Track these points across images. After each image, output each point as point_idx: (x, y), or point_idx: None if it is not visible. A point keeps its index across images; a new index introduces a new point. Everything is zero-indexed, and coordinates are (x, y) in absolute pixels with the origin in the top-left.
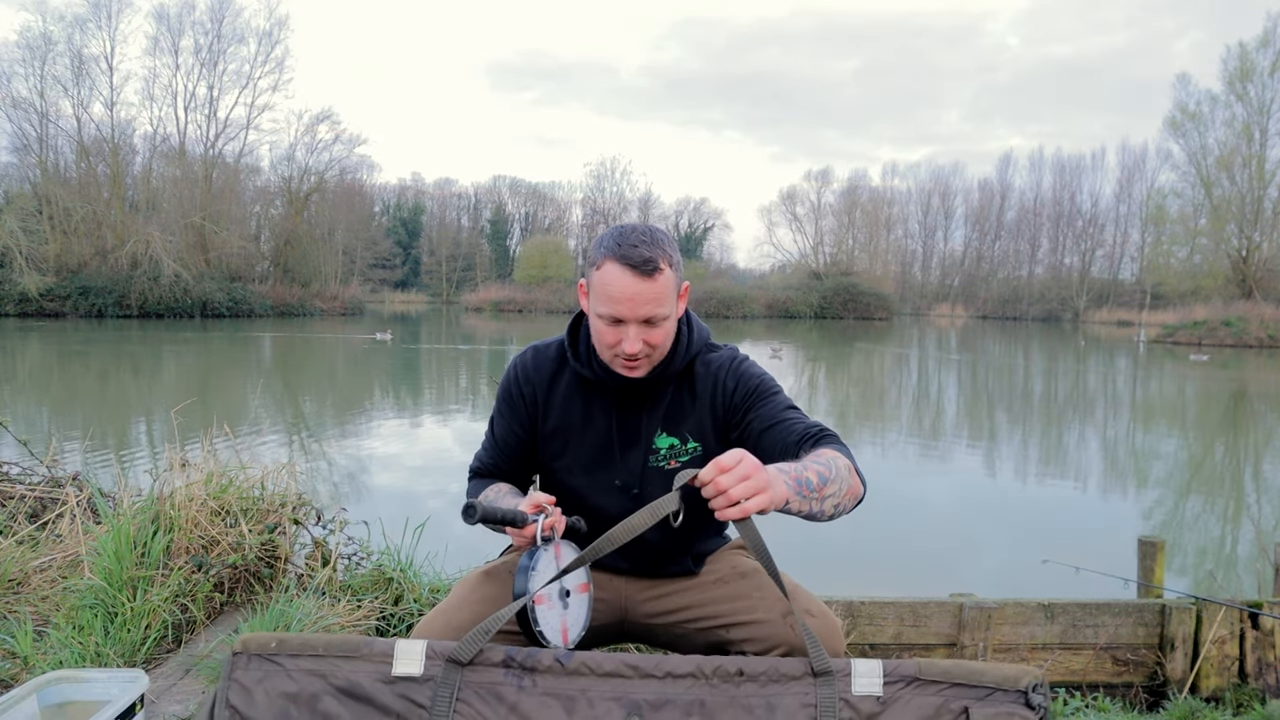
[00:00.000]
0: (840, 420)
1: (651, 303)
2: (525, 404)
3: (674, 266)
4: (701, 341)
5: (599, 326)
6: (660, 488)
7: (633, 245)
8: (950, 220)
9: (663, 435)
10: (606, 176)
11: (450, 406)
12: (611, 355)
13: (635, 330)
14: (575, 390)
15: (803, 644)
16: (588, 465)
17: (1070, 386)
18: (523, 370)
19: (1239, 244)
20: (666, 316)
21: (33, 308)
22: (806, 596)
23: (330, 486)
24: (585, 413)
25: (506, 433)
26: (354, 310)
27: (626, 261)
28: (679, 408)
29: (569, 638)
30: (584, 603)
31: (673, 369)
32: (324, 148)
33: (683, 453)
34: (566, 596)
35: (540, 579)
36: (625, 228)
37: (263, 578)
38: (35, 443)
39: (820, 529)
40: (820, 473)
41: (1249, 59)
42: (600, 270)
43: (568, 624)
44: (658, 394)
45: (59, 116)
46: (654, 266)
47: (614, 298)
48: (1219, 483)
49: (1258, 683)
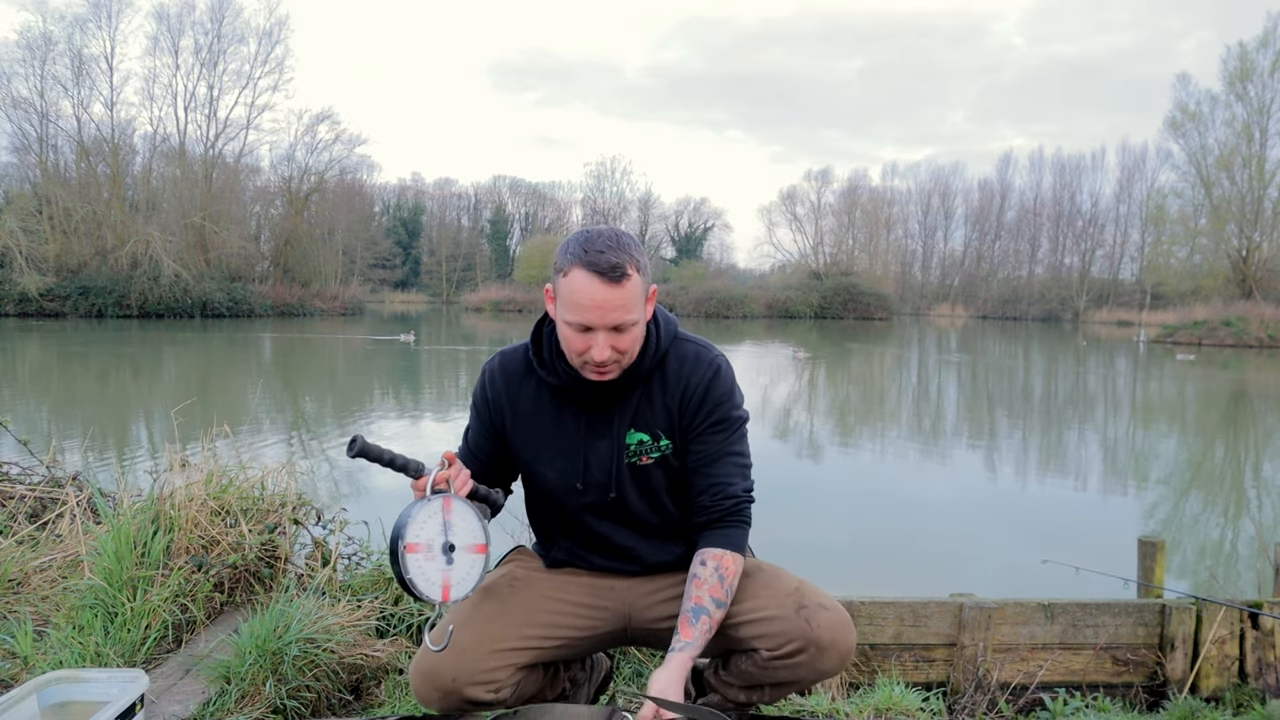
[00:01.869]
0: (840, 420)
1: (620, 309)
2: (492, 411)
3: (641, 271)
4: (669, 336)
5: (567, 334)
6: (635, 487)
7: (599, 251)
8: (950, 220)
9: (633, 432)
10: (606, 176)
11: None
12: (580, 362)
13: (604, 337)
14: (544, 395)
15: (818, 637)
16: (561, 469)
17: (1070, 386)
18: (490, 378)
19: (1239, 244)
20: (635, 322)
21: (33, 308)
22: (816, 591)
23: (331, 486)
24: (555, 417)
25: (478, 437)
26: (354, 310)
27: (594, 268)
28: (649, 404)
29: (450, 595)
30: (476, 563)
31: (642, 370)
32: (324, 148)
33: (654, 449)
34: (450, 551)
35: (417, 528)
36: (591, 232)
37: (263, 578)
38: (35, 443)
39: (820, 529)
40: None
41: (1249, 59)
42: (567, 277)
43: (450, 580)
44: (627, 394)
45: (59, 116)
46: (621, 273)
47: (582, 305)
48: (1219, 482)
49: (1258, 683)
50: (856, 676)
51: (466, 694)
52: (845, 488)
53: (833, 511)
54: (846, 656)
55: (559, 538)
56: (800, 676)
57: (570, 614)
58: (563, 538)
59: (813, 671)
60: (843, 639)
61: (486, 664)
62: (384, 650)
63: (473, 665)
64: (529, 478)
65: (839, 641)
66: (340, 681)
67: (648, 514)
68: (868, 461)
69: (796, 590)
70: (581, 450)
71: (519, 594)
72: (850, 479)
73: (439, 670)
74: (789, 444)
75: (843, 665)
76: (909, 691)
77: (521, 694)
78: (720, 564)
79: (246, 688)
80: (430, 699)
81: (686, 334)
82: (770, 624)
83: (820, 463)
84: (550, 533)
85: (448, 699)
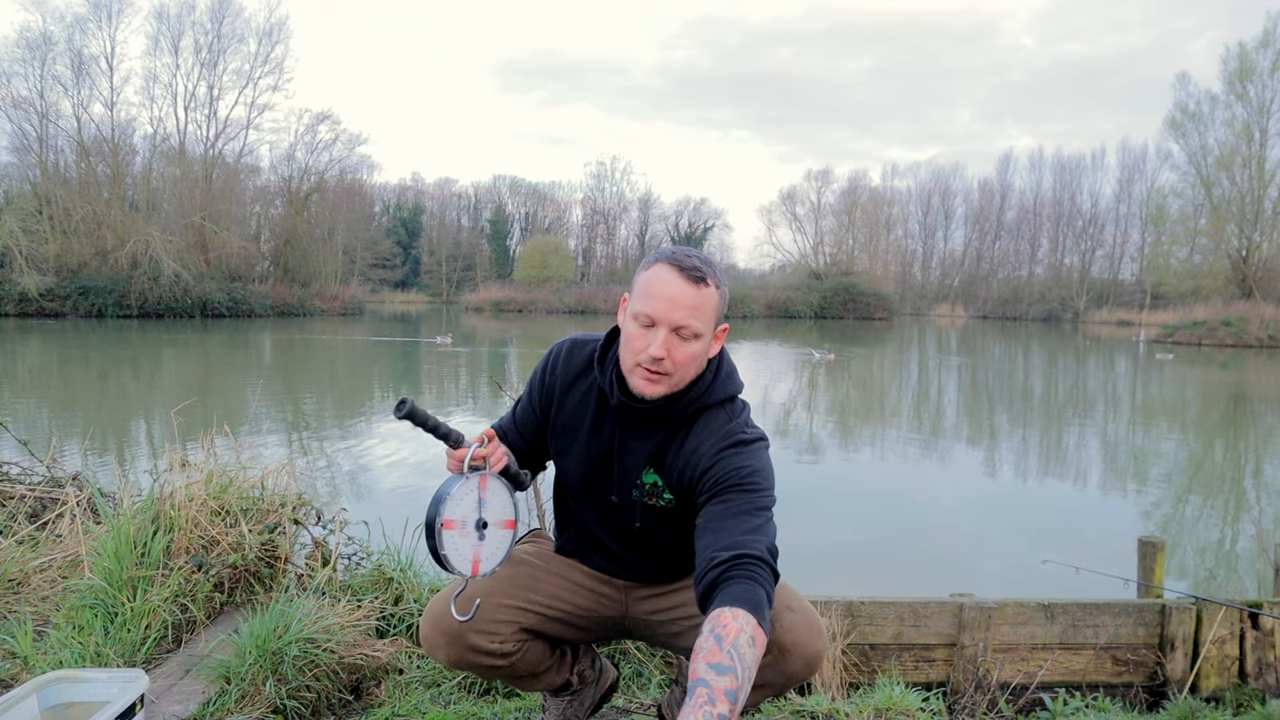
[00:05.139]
0: (840, 421)
1: (690, 310)
2: (545, 390)
3: (720, 291)
4: (724, 393)
5: (631, 330)
6: (647, 523)
7: (686, 255)
8: (950, 220)
9: (649, 470)
10: (606, 176)
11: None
12: (634, 364)
13: (665, 336)
14: (592, 395)
15: (780, 639)
16: (586, 472)
17: (1070, 386)
18: (555, 358)
19: (1239, 244)
20: (699, 335)
21: (33, 308)
22: (788, 593)
23: (331, 486)
24: (595, 419)
25: (525, 410)
26: (354, 310)
27: (677, 265)
28: (673, 451)
29: (480, 569)
30: (505, 538)
31: (681, 405)
32: (324, 148)
33: (660, 498)
34: (483, 528)
35: (455, 505)
36: (683, 247)
37: (263, 578)
38: (35, 443)
39: (821, 530)
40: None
41: (1249, 59)
42: (649, 270)
43: (481, 556)
44: (657, 426)
45: (59, 116)
46: (701, 276)
47: (655, 295)
48: (1219, 482)
49: (1258, 683)
50: (856, 676)
51: (471, 640)
52: (846, 487)
53: (833, 511)
54: (813, 661)
55: (569, 528)
56: (768, 679)
57: (573, 590)
58: (573, 529)
59: (778, 674)
60: (807, 642)
61: (493, 615)
62: (384, 650)
63: (479, 615)
64: (558, 466)
65: (801, 645)
66: (340, 681)
67: (653, 545)
68: (868, 462)
69: None
70: (608, 460)
71: (528, 565)
72: (850, 479)
73: (445, 617)
74: (790, 443)
75: (810, 670)
76: (909, 691)
77: (526, 658)
78: (716, 624)
79: (246, 688)
80: (437, 644)
81: (744, 403)
82: None
83: (820, 462)
84: (564, 521)
85: (453, 644)
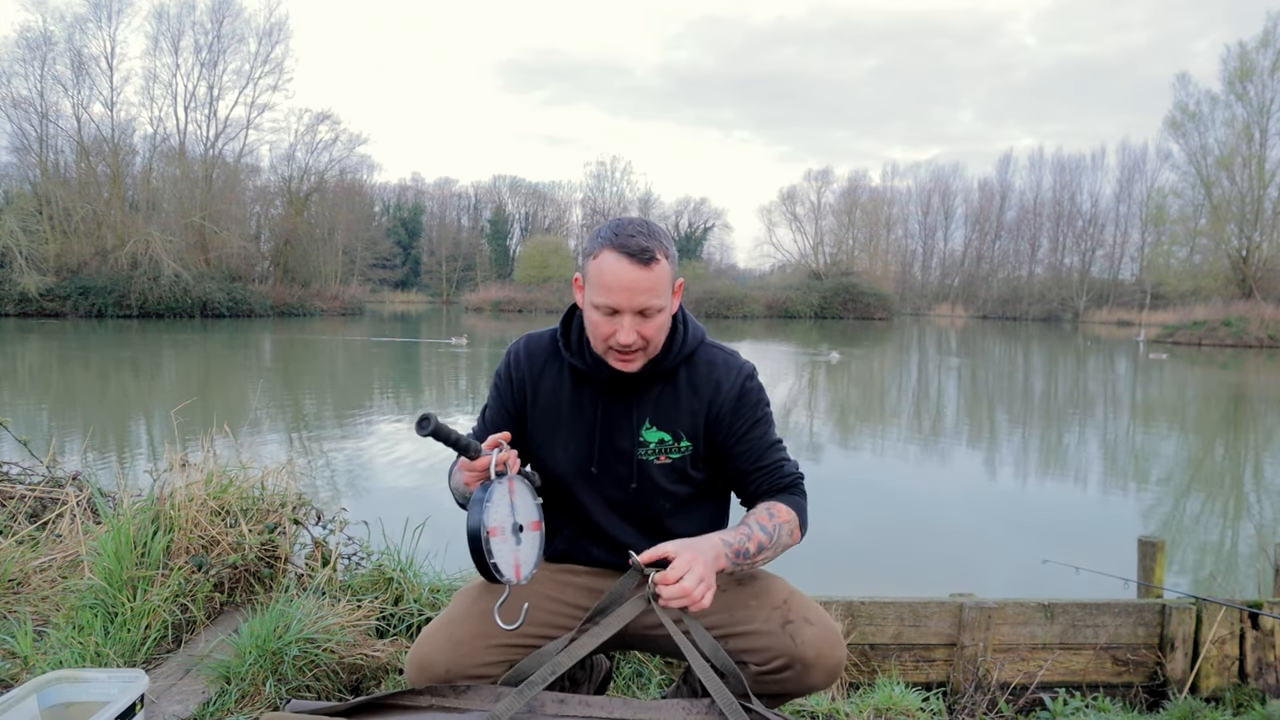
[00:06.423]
0: (840, 421)
1: (647, 292)
2: (514, 391)
3: (670, 259)
4: (696, 340)
5: (594, 318)
6: (653, 484)
7: (630, 235)
8: (950, 220)
9: (651, 429)
10: (606, 176)
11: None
12: (605, 348)
13: (630, 321)
14: (565, 380)
15: (803, 654)
16: (574, 452)
17: (1070, 386)
18: (515, 358)
19: (1239, 244)
20: (661, 309)
21: (33, 308)
22: (804, 604)
23: (331, 486)
24: (574, 402)
25: (496, 416)
26: (354, 310)
27: (624, 250)
28: (673, 403)
29: (521, 574)
30: (536, 540)
31: (665, 364)
32: (324, 148)
33: (674, 450)
34: (519, 532)
35: (494, 512)
36: (622, 220)
37: (263, 578)
38: (35, 443)
39: (820, 529)
40: (761, 542)
41: (1249, 59)
42: (597, 259)
43: (520, 560)
44: (647, 388)
45: (59, 116)
46: (650, 256)
47: (610, 286)
48: (1219, 483)
49: (1258, 683)
50: (856, 676)
51: (464, 675)
52: (846, 487)
53: (833, 511)
54: (834, 671)
55: (562, 526)
56: (789, 690)
57: (566, 615)
58: (566, 526)
59: (801, 686)
60: (828, 654)
61: (482, 658)
62: (384, 650)
63: (468, 659)
64: (540, 462)
65: (824, 657)
66: (340, 681)
67: (660, 516)
68: (868, 463)
69: (785, 603)
70: (596, 436)
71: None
72: (850, 478)
73: (434, 661)
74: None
75: (831, 679)
76: (909, 691)
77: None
78: (772, 506)
79: (246, 688)
80: (434, 671)
81: (714, 341)
82: (756, 639)
83: (820, 462)
84: (553, 521)
85: (448, 675)
